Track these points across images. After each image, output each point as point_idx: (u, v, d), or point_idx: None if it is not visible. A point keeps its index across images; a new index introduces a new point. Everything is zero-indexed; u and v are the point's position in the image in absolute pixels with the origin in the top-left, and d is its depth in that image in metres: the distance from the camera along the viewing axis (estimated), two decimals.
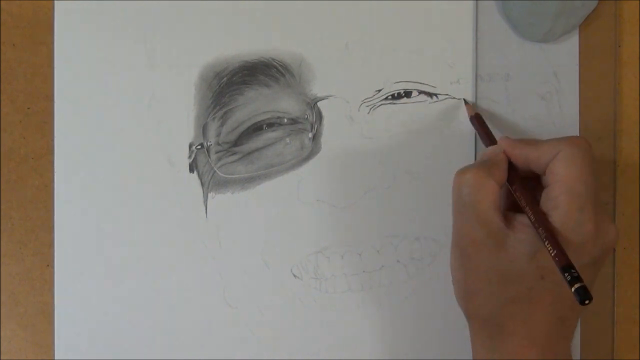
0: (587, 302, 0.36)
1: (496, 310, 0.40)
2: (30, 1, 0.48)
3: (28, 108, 0.48)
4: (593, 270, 0.41)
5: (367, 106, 0.47)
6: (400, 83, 0.47)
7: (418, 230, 0.47)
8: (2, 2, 0.48)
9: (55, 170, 0.47)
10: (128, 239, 0.47)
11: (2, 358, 0.48)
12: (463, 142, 0.47)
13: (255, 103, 0.47)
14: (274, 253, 0.47)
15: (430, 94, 0.47)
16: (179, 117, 0.47)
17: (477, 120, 0.46)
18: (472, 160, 0.47)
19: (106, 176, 0.47)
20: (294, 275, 0.47)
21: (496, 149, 0.43)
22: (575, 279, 0.37)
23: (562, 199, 0.39)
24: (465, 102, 0.47)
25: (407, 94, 0.47)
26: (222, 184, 0.47)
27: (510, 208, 0.43)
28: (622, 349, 0.49)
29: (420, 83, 0.47)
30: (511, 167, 0.42)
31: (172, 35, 0.47)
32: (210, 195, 0.47)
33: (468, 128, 0.47)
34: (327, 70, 0.47)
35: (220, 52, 0.47)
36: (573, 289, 0.37)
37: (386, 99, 0.47)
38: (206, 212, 0.47)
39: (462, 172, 0.41)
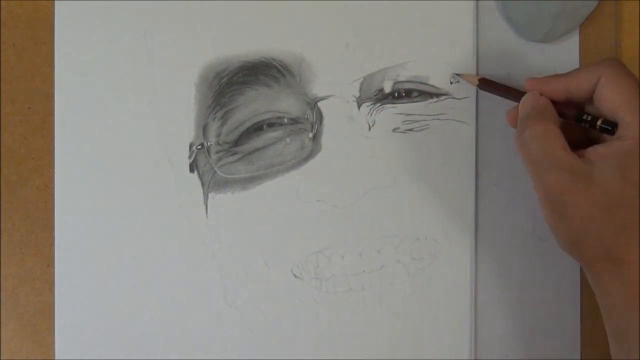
0: (615, 129, 0.41)
1: (611, 243, 0.39)
2: (30, 1, 0.48)
3: (28, 108, 0.48)
4: None
5: (367, 106, 0.47)
6: (400, 83, 0.47)
7: (418, 230, 0.47)
8: (2, 2, 0.48)
9: (55, 170, 0.47)
10: (128, 239, 0.47)
11: (2, 358, 0.48)
12: (463, 142, 0.47)
13: (255, 103, 0.47)
14: (274, 253, 0.47)
15: (430, 94, 0.47)
16: (179, 117, 0.47)
17: (487, 83, 0.46)
18: (472, 161, 0.47)
19: (106, 176, 0.47)
20: (294, 275, 0.47)
21: (531, 96, 0.43)
22: (594, 118, 0.41)
23: (628, 119, 0.40)
24: (460, 75, 0.47)
25: (407, 93, 0.47)
26: (222, 184, 0.47)
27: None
28: None
29: (420, 83, 0.47)
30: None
31: (172, 35, 0.47)
32: (210, 195, 0.47)
33: (468, 128, 0.47)
34: (327, 70, 0.47)
35: (221, 52, 0.47)
36: (598, 126, 0.41)
37: (386, 98, 0.47)
38: (206, 212, 0.47)
39: (520, 131, 0.42)
